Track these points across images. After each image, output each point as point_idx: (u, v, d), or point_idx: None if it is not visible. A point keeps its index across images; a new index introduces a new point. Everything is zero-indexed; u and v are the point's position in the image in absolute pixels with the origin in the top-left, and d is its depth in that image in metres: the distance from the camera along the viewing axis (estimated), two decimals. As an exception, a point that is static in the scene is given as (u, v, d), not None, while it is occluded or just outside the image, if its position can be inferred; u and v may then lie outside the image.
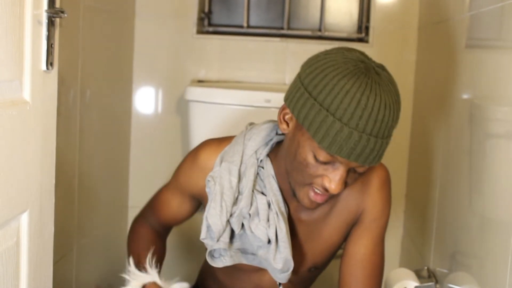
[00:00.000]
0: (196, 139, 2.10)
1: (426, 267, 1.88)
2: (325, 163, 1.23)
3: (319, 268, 1.51)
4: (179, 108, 2.45)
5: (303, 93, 1.23)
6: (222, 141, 1.46)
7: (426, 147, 2.14)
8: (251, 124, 1.47)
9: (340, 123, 1.17)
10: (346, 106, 1.17)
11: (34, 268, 1.11)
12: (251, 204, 1.35)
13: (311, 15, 2.51)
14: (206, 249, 1.40)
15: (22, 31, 1.01)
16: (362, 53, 1.30)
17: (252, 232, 1.35)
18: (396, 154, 2.45)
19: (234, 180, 1.36)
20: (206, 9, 2.50)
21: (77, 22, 1.83)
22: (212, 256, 1.39)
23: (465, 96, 1.65)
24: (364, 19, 2.46)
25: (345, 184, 1.26)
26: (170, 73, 2.46)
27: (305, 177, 1.26)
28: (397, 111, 1.27)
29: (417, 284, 1.67)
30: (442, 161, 1.85)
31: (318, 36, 2.48)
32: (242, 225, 1.37)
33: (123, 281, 1.49)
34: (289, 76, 2.44)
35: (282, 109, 1.31)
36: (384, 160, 2.45)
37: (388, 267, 2.17)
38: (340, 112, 1.17)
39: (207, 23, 2.52)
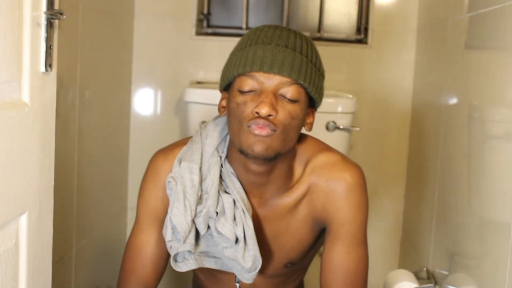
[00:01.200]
0: (195, 141, 2.10)
1: (425, 268, 1.88)
2: (250, 92, 1.25)
3: (296, 264, 1.48)
4: (178, 109, 2.45)
5: (225, 64, 1.33)
6: (173, 147, 1.45)
7: (425, 148, 2.14)
8: (204, 122, 1.46)
9: (247, 46, 1.26)
10: (254, 34, 1.29)
11: (33, 270, 1.11)
12: (217, 203, 1.33)
13: (310, 16, 2.52)
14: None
15: (21, 32, 1.01)
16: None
17: (218, 232, 1.32)
18: (395, 155, 2.45)
19: (196, 178, 1.34)
20: (205, 11, 2.51)
21: (76, 23, 1.83)
22: (175, 260, 1.36)
23: (464, 97, 1.65)
24: (363, 21, 2.46)
25: (279, 113, 1.24)
26: (169, 74, 2.46)
27: (240, 119, 1.25)
28: (308, 40, 1.33)
29: (416, 285, 1.67)
30: (441, 162, 1.85)
31: (317, 37, 2.48)
32: (208, 226, 1.34)
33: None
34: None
35: (220, 101, 1.37)
36: (383, 160, 2.46)
37: (387, 268, 2.18)
38: (246, 41, 1.28)
39: (206, 24, 2.52)
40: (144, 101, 2.47)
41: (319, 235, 1.46)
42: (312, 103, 1.37)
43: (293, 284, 1.57)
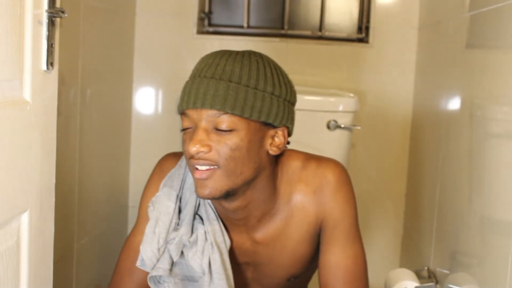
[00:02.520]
0: (196, 139, 2.10)
1: (426, 267, 1.88)
2: (188, 129, 1.23)
3: (299, 277, 1.46)
4: (179, 108, 2.45)
5: None
6: (181, 153, 1.44)
7: (426, 147, 2.14)
8: None
9: (188, 81, 1.26)
10: (197, 66, 1.27)
11: (34, 268, 1.11)
12: (192, 232, 1.32)
13: (311, 15, 2.51)
14: None
15: (22, 31, 1.01)
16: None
17: (188, 262, 1.32)
18: (396, 154, 2.45)
19: (171, 205, 1.33)
20: (207, 9, 2.51)
21: (78, 22, 1.83)
22: (155, 282, 1.34)
23: (465, 96, 1.65)
24: (364, 19, 2.46)
25: (212, 148, 1.20)
26: (170, 72, 2.46)
27: (186, 156, 1.23)
28: (249, 62, 1.23)
29: (417, 284, 1.67)
30: (442, 161, 1.85)
31: (318, 36, 2.48)
32: (182, 252, 1.33)
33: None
34: (289, 76, 2.43)
35: None
36: (384, 159, 2.46)
37: (388, 267, 2.18)
38: (192, 73, 1.27)
39: (207, 23, 2.52)
40: (145, 100, 2.47)
41: (318, 245, 1.42)
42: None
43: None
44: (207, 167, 1.20)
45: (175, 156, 1.44)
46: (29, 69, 1.04)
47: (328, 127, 2.13)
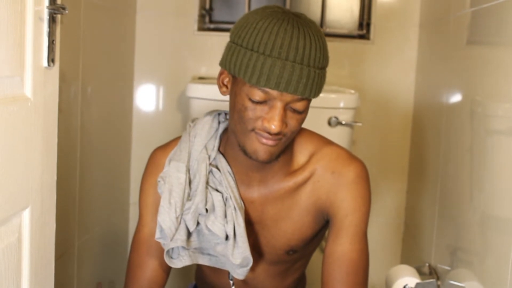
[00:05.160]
0: (197, 136, 2.10)
1: (427, 264, 1.88)
2: (260, 102, 1.24)
3: (297, 251, 1.49)
4: (180, 105, 2.45)
5: (231, 47, 1.29)
6: (170, 142, 1.50)
7: (427, 144, 2.14)
8: (194, 120, 1.48)
9: (263, 55, 1.21)
10: (267, 40, 1.22)
11: (35, 265, 1.11)
12: (207, 200, 1.35)
13: (312, 11, 2.51)
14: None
15: (23, 27, 1.01)
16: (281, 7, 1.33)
17: (209, 229, 1.34)
18: (397, 151, 2.45)
19: (182, 176, 1.36)
20: (207, 6, 2.50)
21: (78, 18, 1.83)
22: (170, 257, 1.37)
23: (466, 93, 1.65)
24: (365, 16, 2.46)
25: (287, 126, 1.26)
26: (171, 70, 2.46)
27: (246, 123, 1.26)
28: (319, 41, 1.27)
29: (418, 281, 1.67)
30: (443, 158, 1.85)
31: (319, 33, 2.48)
32: (198, 222, 1.36)
33: (123, 278, 1.49)
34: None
35: (219, 74, 1.34)
36: (385, 155, 2.46)
37: (389, 263, 2.18)
38: (262, 46, 1.22)
39: (208, 20, 2.52)
40: (146, 97, 2.47)
41: (322, 227, 1.47)
42: None
43: (295, 275, 1.58)
44: (276, 140, 1.27)
45: (165, 149, 1.48)
46: (30, 65, 1.04)
47: (329, 123, 2.13)
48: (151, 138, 2.47)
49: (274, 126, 1.23)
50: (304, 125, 1.36)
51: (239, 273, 1.37)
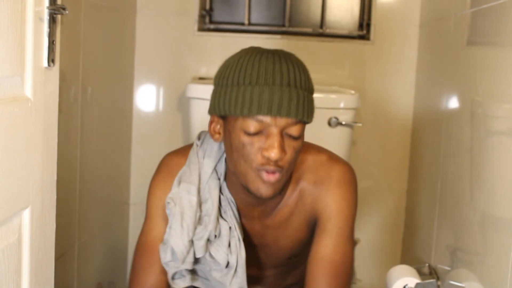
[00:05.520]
0: (197, 136, 2.10)
1: (427, 264, 1.88)
2: (256, 133, 1.23)
3: (299, 256, 1.52)
4: (180, 105, 2.45)
5: (216, 91, 1.29)
6: (184, 148, 1.48)
7: (427, 144, 2.14)
8: (200, 135, 1.46)
9: (250, 85, 1.22)
10: (250, 71, 1.23)
11: (35, 265, 1.11)
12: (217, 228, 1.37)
13: (312, 12, 2.51)
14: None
15: (23, 27, 1.01)
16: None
17: (211, 256, 1.36)
18: (398, 151, 2.45)
19: (194, 199, 1.36)
20: (208, 7, 2.50)
21: (79, 19, 1.83)
22: (172, 277, 1.38)
23: (466, 93, 1.65)
24: (366, 16, 2.46)
25: (287, 153, 1.25)
26: (171, 70, 2.46)
27: (247, 160, 1.25)
28: (302, 66, 1.28)
29: (418, 281, 1.67)
30: (443, 158, 1.85)
31: (319, 33, 2.48)
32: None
33: (124, 278, 1.49)
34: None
35: (210, 123, 1.34)
36: (385, 155, 2.46)
37: (389, 264, 2.18)
38: (247, 78, 1.22)
39: (209, 20, 2.52)
40: (146, 97, 2.47)
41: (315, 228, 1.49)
42: None
43: (296, 274, 1.61)
44: (277, 171, 1.25)
45: (178, 154, 1.47)
46: (30, 66, 1.04)
47: (329, 124, 2.13)
48: (151, 138, 2.47)
49: (274, 154, 1.22)
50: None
51: None
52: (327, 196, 1.40)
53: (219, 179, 1.39)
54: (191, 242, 1.35)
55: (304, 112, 1.24)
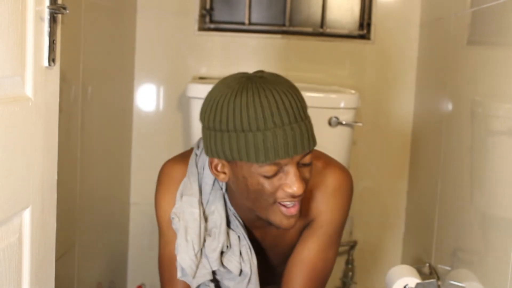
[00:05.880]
0: (197, 136, 2.10)
1: (427, 264, 1.88)
2: (275, 174, 1.22)
3: None
4: (180, 105, 2.45)
5: (215, 135, 1.23)
6: (182, 155, 1.46)
7: (428, 144, 2.14)
8: (200, 141, 1.43)
9: (260, 131, 1.17)
10: (254, 116, 1.17)
11: (36, 264, 1.11)
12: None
13: (313, 11, 2.51)
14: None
15: (24, 27, 1.01)
16: (240, 73, 1.29)
17: (224, 266, 1.36)
18: (398, 151, 2.45)
19: (196, 211, 1.35)
20: (208, 6, 2.50)
21: (79, 18, 1.83)
22: None
23: (466, 93, 1.65)
24: (366, 16, 2.46)
25: (305, 181, 1.25)
26: (171, 70, 2.46)
27: (268, 198, 1.24)
28: (296, 93, 1.23)
29: (418, 281, 1.67)
30: (443, 158, 1.85)
31: (319, 33, 2.48)
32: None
33: (124, 278, 1.49)
34: (290, 72, 2.44)
35: (210, 163, 1.29)
36: (385, 155, 2.46)
37: (389, 263, 2.18)
38: (253, 123, 1.17)
39: (209, 20, 2.52)
40: (147, 97, 2.47)
41: None
42: None
43: None
44: (297, 201, 1.26)
45: (178, 161, 1.45)
46: (31, 65, 1.04)
47: (330, 123, 2.13)
48: (152, 138, 2.47)
49: (296, 188, 1.21)
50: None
51: None
52: (322, 204, 1.40)
53: (221, 188, 1.38)
54: (200, 254, 1.35)
55: (313, 140, 1.23)
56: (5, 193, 0.98)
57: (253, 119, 1.17)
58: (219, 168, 1.28)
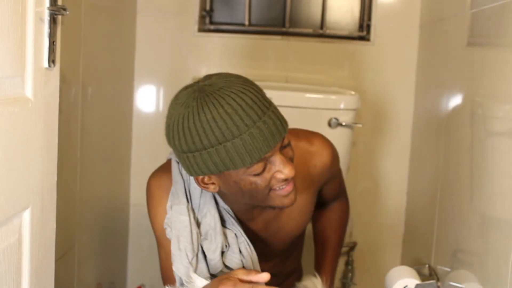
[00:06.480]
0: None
1: (427, 265, 1.88)
2: (264, 169, 1.24)
3: (299, 236, 1.57)
4: (180, 106, 2.45)
5: (193, 156, 1.23)
6: (163, 170, 1.46)
7: (427, 145, 2.14)
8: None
9: (238, 138, 1.19)
10: (225, 126, 1.18)
11: (36, 265, 1.11)
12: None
13: (313, 13, 2.51)
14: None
15: (24, 28, 1.01)
16: (188, 86, 1.30)
17: (226, 266, 1.37)
18: (398, 151, 2.45)
19: (185, 218, 1.35)
20: (208, 7, 2.50)
21: (79, 19, 1.83)
22: None
23: (466, 94, 1.65)
24: (366, 17, 2.46)
25: (291, 159, 1.29)
26: (171, 71, 2.46)
27: (263, 191, 1.28)
28: (251, 86, 1.25)
29: (418, 282, 1.67)
30: (443, 159, 1.85)
31: (319, 34, 2.48)
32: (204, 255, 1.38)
33: (124, 279, 1.49)
34: (290, 74, 2.44)
35: (195, 179, 1.31)
36: (385, 157, 2.46)
37: (389, 264, 2.18)
38: (227, 134, 1.19)
39: (209, 21, 2.52)
40: (147, 98, 2.48)
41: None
42: None
43: (294, 261, 1.66)
44: (292, 182, 1.30)
45: (164, 173, 1.45)
46: (31, 66, 1.04)
47: (330, 124, 2.13)
48: (151, 138, 2.47)
49: (288, 171, 1.25)
50: (305, 126, 1.39)
51: None
52: (321, 165, 1.47)
53: (215, 199, 1.40)
54: (196, 261, 1.35)
55: (285, 122, 1.26)
56: (5, 194, 0.98)
57: (225, 129, 1.18)
58: (206, 180, 1.30)
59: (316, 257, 1.70)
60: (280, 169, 1.25)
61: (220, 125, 1.18)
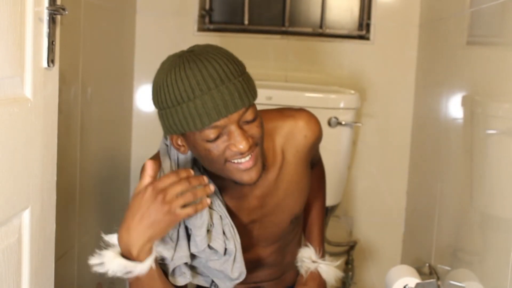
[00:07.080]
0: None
1: (427, 264, 1.88)
2: (217, 138, 1.27)
3: (299, 215, 1.57)
4: (180, 106, 2.45)
5: (162, 114, 1.33)
6: (156, 155, 1.52)
7: (427, 144, 2.14)
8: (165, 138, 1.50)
9: (191, 101, 1.24)
10: (183, 87, 1.25)
11: (36, 265, 1.11)
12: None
13: (312, 12, 2.51)
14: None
15: (23, 28, 1.01)
16: (177, 52, 1.36)
17: (210, 247, 1.37)
18: (397, 151, 2.45)
19: None
20: (207, 7, 2.50)
21: (78, 19, 1.83)
22: (173, 275, 1.39)
23: (466, 93, 1.65)
24: (365, 16, 2.46)
25: (254, 138, 1.30)
26: (171, 70, 2.46)
27: (218, 160, 1.30)
28: (223, 56, 1.29)
29: (418, 281, 1.67)
30: (443, 158, 1.85)
31: (319, 33, 2.48)
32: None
33: (124, 279, 1.49)
34: (290, 73, 2.44)
35: (170, 140, 1.40)
36: (385, 156, 2.46)
37: (389, 264, 2.18)
38: (184, 95, 1.25)
39: (208, 20, 2.52)
40: (146, 97, 2.47)
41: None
42: None
43: (293, 251, 1.64)
44: (250, 156, 1.30)
45: (154, 157, 1.51)
46: (30, 66, 1.04)
47: (329, 124, 2.13)
48: (151, 138, 2.46)
49: (243, 146, 1.26)
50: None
51: (228, 286, 1.42)
52: (312, 132, 1.49)
53: (199, 170, 1.42)
54: (177, 236, 1.36)
55: (248, 96, 1.28)
56: (5, 194, 0.98)
57: (183, 91, 1.24)
58: (178, 142, 1.37)
59: (304, 226, 1.71)
60: (235, 142, 1.26)
61: (179, 86, 1.25)
